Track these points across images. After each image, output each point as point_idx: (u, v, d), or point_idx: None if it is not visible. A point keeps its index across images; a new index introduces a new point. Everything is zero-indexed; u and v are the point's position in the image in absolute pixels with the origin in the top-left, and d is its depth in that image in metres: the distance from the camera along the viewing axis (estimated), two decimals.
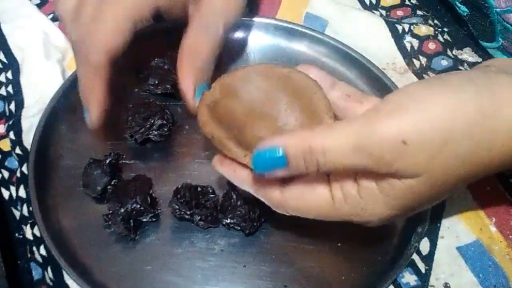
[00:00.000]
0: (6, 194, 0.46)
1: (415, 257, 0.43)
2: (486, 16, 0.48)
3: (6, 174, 0.47)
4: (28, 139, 0.47)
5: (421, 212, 0.39)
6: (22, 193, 0.46)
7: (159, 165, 0.47)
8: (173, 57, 0.46)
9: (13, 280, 0.41)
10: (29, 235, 0.44)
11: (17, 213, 0.45)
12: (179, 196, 0.43)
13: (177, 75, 0.45)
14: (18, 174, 0.47)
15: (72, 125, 0.49)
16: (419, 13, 0.57)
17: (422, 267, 0.43)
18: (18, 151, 0.48)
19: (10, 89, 0.51)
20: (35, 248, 0.43)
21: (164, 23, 0.47)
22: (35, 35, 0.53)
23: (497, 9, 0.46)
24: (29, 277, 0.43)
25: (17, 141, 0.48)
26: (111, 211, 0.43)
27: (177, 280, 0.42)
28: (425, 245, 0.43)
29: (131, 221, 0.43)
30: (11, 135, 0.48)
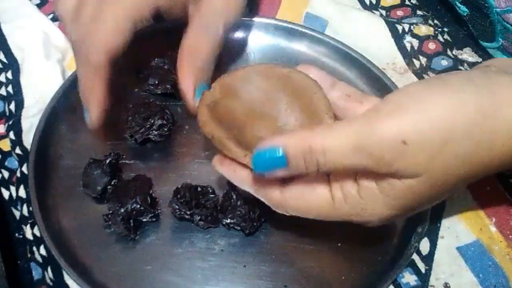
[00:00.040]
0: (6, 194, 0.46)
1: (415, 257, 0.43)
2: (486, 16, 0.48)
3: (6, 174, 0.47)
4: (28, 139, 0.47)
5: (421, 212, 0.39)
6: (22, 193, 0.46)
7: (159, 165, 0.47)
8: (173, 57, 0.46)
9: (13, 280, 0.41)
10: (29, 235, 0.44)
11: (17, 213, 0.45)
12: (179, 196, 0.43)
13: (177, 75, 0.45)
14: (18, 174, 0.47)
15: (72, 125, 0.49)
16: (419, 13, 0.57)
17: (422, 267, 0.43)
18: (18, 151, 0.48)
19: (10, 89, 0.51)
20: (35, 248, 0.43)
21: (164, 23, 0.47)
22: (35, 35, 0.53)
23: (497, 9, 0.46)
24: (29, 277, 0.43)
25: (17, 141, 0.48)
26: (111, 211, 0.43)
27: (177, 280, 0.42)
28: (425, 245, 0.43)
29: (131, 221, 0.43)
30: (11, 135, 0.48)
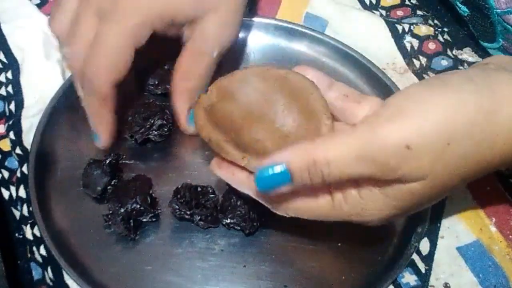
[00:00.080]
0: (6, 194, 0.46)
1: (415, 257, 0.43)
2: (486, 16, 0.48)
3: (6, 174, 0.47)
4: (28, 139, 0.47)
5: (421, 212, 0.39)
6: (22, 193, 0.46)
7: (159, 165, 0.47)
8: (173, 57, 0.46)
9: (13, 280, 0.41)
10: (29, 235, 0.44)
11: (17, 213, 0.45)
12: (179, 196, 0.43)
13: (171, 98, 0.46)
14: (18, 174, 0.47)
15: (72, 125, 0.49)
16: (419, 13, 0.57)
17: (422, 267, 0.43)
18: (18, 151, 0.48)
19: (10, 89, 0.51)
20: (35, 248, 0.43)
21: None
22: (35, 35, 0.53)
23: (497, 10, 0.46)
24: (29, 277, 0.43)
25: (17, 141, 0.48)
26: (111, 211, 0.43)
27: (177, 280, 0.42)
28: (425, 245, 0.43)
29: (131, 221, 0.43)
30: (11, 135, 0.48)
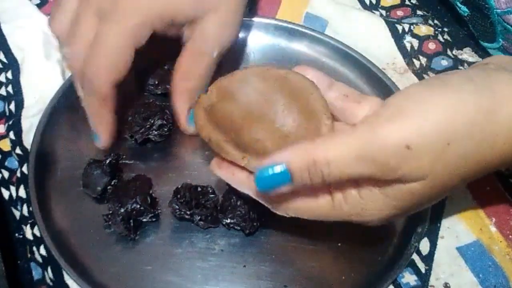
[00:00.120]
0: (6, 194, 0.46)
1: (415, 257, 0.43)
2: (486, 16, 0.48)
3: (6, 174, 0.47)
4: (28, 139, 0.47)
5: (421, 212, 0.39)
6: (22, 193, 0.46)
7: (159, 165, 0.47)
8: (173, 57, 0.46)
9: (13, 280, 0.41)
10: (29, 235, 0.44)
11: (17, 213, 0.45)
12: (179, 196, 0.43)
13: (171, 98, 0.46)
14: (18, 174, 0.47)
15: (72, 125, 0.49)
16: (419, 13, 0.57)
17: (422, 267, 0.43)
18: (18, 151, 0.48)
19: (10, 89, 0.51)
20: (35, 248, 0.43)
21: None
22: (35, 35, 0.53)
23: (497, 10, 0.46)
24: (29, 277, 0.43)
25: (17, 141, 0.48)
26: (111, 211, 0.43)
27: (177, 280, 0.42)
28: (425, 245, 0.43)
29: (131, 221, 0.43)
30: (11, 135, 0.48)
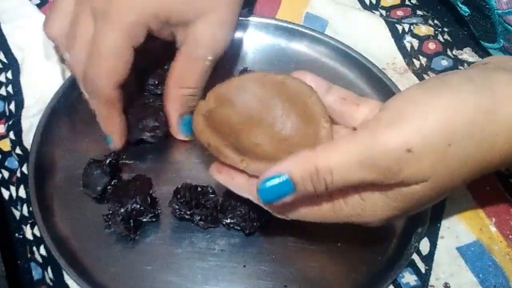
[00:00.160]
0: (6, 194, 0.46)
1: (415, 257, 0.43)
2: (487, 17, 0.48)
3: (6, 174, 0.47)
4: (28, 139, 0.47)
5: (421, 212, 0.39)
6: (22, 193, 0.46)
7: (159, 165, 0.47)
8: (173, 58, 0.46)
9: (13, 280, 0.41)
10: (29, 235, 0.44)
11: (17, 213, 0.45)
12: (179, 196, 0.43)
13: (164, 103, 0.46)
14: (18, 174, 0.47)
15: (72, 125, 0.49)
16: (419, 13, 0.57)
17: (422, 267, 0.43)
18: (18, 151, 0.48)
19: (10, 89, 0.51)
20: (35, 248, 0.43)
21: None
22: (35, 35, 0.53)
23: (498, 11, 0.46)
24: (29, 277, 0.43)
25: (17, 141, 0.48)
26: (111, 211, 0.43)
27: (177, 280, 0.42)
28: (425, 245, 0.43)
29: (131, 221, 0.43)
30: (11, 135, 0.48)
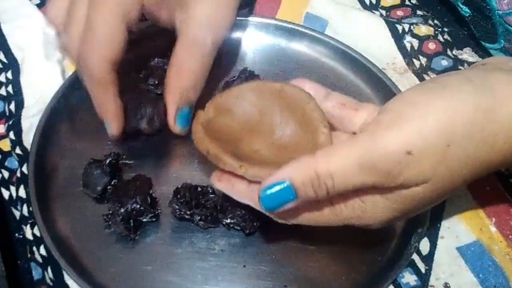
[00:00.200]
0: (6, 194, 0.46)
1: (415, 257, 0.43)
2: (488, 18, 0.48)
3: (6, 174, 0.47)
4: (28, 139, 0.47)
5: (421, 212, 0.39)
6: (22, 193, 0.46)
7: (159, 165, 0.47)
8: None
9: (13, 280, 0.41)
10: (29, 235, 0.44)
11: (17, 213, 0.45)
12: (179, 196, 0.43)
13: (164, 93, 0.44)
14: (18, 174, 0.47)
15: (72, 125, 0.49)
16: (419, 13, 0.57)
17: (422, 267, 0.43)
18: (18, 151, 0.48)
19: (10, 89, 0.51)
20: (35, 248, 0.43)
21: None
22: (35, 35, 0.53)
23: (498, 12, 0.46)
24: (29, 277, 0.43)
25: (17, 141, 0.48)
26: (111, 211, 0.43)
27: (177, 280, 0.42)
28: (425, 245, 0.43)
29: (131, 221, 0.43)
30: (11, 135, 0.48)
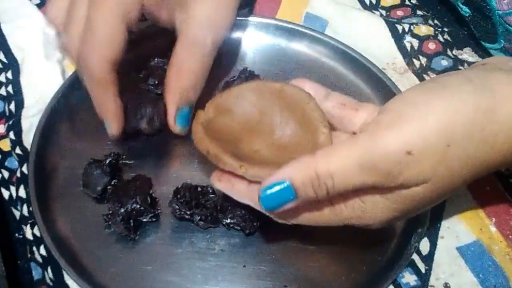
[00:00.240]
0: (6, 194, 0.46)
1: (415, 257, 0.43)
2: (488, 18, 0.48)
3: (6, 174, 0.47)
4: (28, 139, 0.47)
5: (421, 212, 0.39)
6: (22, 193, 0.46)
7: (159, 165, 0.47)
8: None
9: (13, 280, 0.41)
10: (29, 235, 0.44)
11: (17, 213, 0.45)
12: (179, 196, 0.43)
13: (163, 93, 0.44)
14: (18, 174, 0.47)
15: (72, 125, 0.49)
16: (419, 13, 0.57)
17: (422, 267, 0.43)
18: (18, 151, 0.48)
19: (10, 89, 0.51)
20: (35, 248, 0.43)
21: None
22: (35, 35, 0.53)
23: (498, 12, 0.46)
24: (29, 277, 0.43)
25: (17, 141, 0.48)
26: (111, 211, 0.43)
27: (177, 280, 0.42)
28: (425, 245, 0.43)
29: (131, 221, 0.43)
30: (11, 135, 0.48)
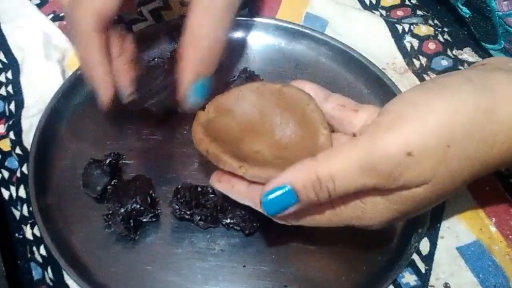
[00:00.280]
0: (6, 194, 0.46)
1: (415, 257, 0.43)
2: (488, 19, 0.48)
3: (6, 174, 0.47)
4: (28, 139, 0.47)
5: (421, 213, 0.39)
6: (22, 193, 0.46)
7: (159, 165, 0.47)
8: (173, 57, 0.46)
9: (13, 280, 0.41)
10: (29, 235, 0.44)
11: (17, 213, 0.45)
12: (179, 196, 0.43)
13: (178, 65, 0.40)
14: (18, 174, 0.47)
15: (72, 125, 0.49)
16: (419, 13, 0.57)
17: (422, 267, 0.43)
18: (18, 151, 0.48)
19: (10, 89, 0.51)
20: (35, 248, 0.43)
21: (164, 23, 0.47)
22: (35, 35, 0.53)
23: (498, 13, 0.46)
24: (29, 277, 0.43)
25: (17, 141, 0.48)
26: (111, 211, 0.43)
27: (177, 280, 0.42)
28: (425, 245, 0.43)
29: (131, 221, 0.43)
30: (11, 135, 0.48)
